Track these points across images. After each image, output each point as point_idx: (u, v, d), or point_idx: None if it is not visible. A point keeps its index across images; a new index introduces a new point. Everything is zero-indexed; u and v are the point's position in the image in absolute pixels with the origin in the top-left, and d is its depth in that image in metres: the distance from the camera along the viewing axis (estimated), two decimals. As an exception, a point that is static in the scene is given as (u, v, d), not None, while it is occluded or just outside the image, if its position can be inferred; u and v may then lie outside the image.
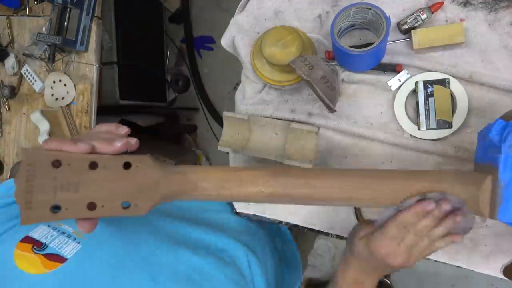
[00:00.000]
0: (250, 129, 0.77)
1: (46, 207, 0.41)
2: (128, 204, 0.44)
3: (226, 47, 0.85)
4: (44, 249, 0.49)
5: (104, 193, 0.43)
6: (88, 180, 0.42)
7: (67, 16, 1.15)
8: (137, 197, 0.44)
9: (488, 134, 0.50)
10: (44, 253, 0.48)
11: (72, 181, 0.42)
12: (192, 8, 2.13)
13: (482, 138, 0.54)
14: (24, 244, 0.49)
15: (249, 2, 0.83)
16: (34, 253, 0.48)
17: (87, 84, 1.17)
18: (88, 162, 0.42)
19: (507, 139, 0.47)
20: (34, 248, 0.48)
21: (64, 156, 0.41)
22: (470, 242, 0.71)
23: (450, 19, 0.72)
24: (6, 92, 1.22)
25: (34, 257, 0.47)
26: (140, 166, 0.44)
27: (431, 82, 0.71)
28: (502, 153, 0.46)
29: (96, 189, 0.43)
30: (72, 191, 0.42)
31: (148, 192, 0.44)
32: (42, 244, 0.49)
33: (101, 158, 0.43)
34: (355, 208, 0.77)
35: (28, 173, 0.41)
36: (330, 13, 0.78)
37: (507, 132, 0.48)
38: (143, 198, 0.44)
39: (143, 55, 1.88)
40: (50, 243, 0.49)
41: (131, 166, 0.44)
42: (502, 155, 0.46)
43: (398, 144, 0.74)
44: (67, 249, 0.49)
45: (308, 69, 0.69)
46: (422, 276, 1.78)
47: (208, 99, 2.11)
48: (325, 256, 1.90)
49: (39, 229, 0.51)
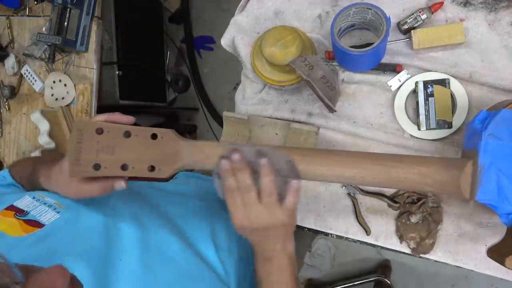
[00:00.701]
0: (250, 129, 0.77)
1: (90, 165, 0.51)
2: (154, 168, 0.52)
3: (226, 47, 0.85)
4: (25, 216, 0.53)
5: (135, 157, 0.51)
6: (122, 145, 0.51)
7: (67, 16, 1.14)
8: (161, 163, 0.52)
9: (472, 123, 0.56)
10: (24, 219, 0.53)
11: (110, 145, 0.51)
12: (192, 8, 2.13)
13: (468, 127, 0.58)
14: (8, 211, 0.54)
15: (249, 2, 0.83)
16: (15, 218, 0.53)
17: (87, 84, 1.17)
18: (123, 130, 0.51)
19: (487, 128, 0.52)
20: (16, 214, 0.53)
21: (105, 125, 0.51)
22: (470, 242, 0.71)
23: (450, 19, 0.72)
24: (6, 92, 1.22)
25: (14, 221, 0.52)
26: (164, 138, 0.52)
27: (431, 82, 0.71)
28: (482, 140, 0.52)
29: (128, 153, 0.51)
30: (110, 153, 0.51)
31: (170, 159, 0.53)
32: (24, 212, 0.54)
33: (134, 129, 0.51)
34: (355, 208, 0.77)
35: (78, 137, 0.50)
36: (330, 13, 0.78)
37: (487, 121, 0.53)
38: (166, 164, 0.52)
39: (143, 55, 1.88)
40: (32, 211, 0.54)
41: (157, 137, 0.52)
42: (482, 141, 0.51)
43: (398, 144, 0.74)
44: (46, 217, 0.53)
45: (308, 69, 0.69)
46: (422, 276, 1.78)
47: (208, 99, 2.11)
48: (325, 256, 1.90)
49: (23, 200, 0.56)
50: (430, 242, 0.72)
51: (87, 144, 0.51)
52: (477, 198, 0.51)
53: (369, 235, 0.77)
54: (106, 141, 0.51)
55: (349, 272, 1.88)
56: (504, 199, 0.50)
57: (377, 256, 1.83)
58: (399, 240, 0.75)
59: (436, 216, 0.72)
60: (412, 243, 0.74)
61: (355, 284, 1.78)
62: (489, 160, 0.51)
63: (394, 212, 0.76)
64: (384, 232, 0.76)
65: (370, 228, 0.77)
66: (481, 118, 0.55)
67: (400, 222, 0.74)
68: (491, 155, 0.51)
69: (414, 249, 0.74)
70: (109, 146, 0.51)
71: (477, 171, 0.51)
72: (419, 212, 0.73)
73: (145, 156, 0.52)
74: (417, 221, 0.73)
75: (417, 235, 0.73)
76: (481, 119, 0.55)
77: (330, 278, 1.90)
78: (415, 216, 0.73)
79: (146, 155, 0.52)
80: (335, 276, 1.90)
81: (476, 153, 0.52)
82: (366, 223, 0.77)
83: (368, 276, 1.77)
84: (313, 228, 0.81)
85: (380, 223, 0.76)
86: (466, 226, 0.72)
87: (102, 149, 0.51)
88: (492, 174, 0.50)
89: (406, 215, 0.74)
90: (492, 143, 0.51)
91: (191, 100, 2.17)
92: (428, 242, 0.72)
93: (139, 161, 0.51)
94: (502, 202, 0.51)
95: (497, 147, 0.51)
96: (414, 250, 0.74)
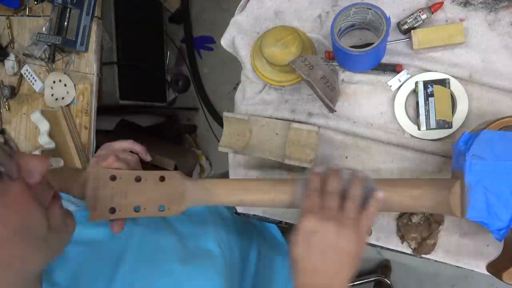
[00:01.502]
0: (250, 129, 0.77)
1: (106, 209, 0.55)
2: (163, 208, 0.57)
3: (226, 47, 0.85)
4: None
5: (145, 199, 0.56)
6: (134, 190, 0.56)
7: (67, 16, 1.14)
8: (170, 203, 0.57)
9: (457, 145, 0.58)
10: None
11: (123, 190, 0.56)
12: (192, 8, 2.13)
13: (454, 148, 0.60)
14: None
15: (249, 2, 0.82)
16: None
17: (87, 84, 1.17)
18: (134, 176, 0.56)
19: (470, 149, 0.54)
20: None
21: (118, 172, 0.56)
22: (471, 243, 0.71)
23: (450, 19, 0.72)
24: (6, 92, 1.22)
25: None
26: (171, 180, 0.57)
27: (431, 82, 0.71)
28: (466, 160, 0.54)
29: (139, 196, 0.56)
30: (123, 198, 0.56)
31: (177, 199, 0.57)
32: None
33: (143, 173, 0.56)
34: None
35: (94, 184, 0.55)
36: (330, 13, 0.78)
37: (470, 142, 0.56)
38: (174, 203, 0.57)
39: (143, 55, 1.88)
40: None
41: (165, 179, 0.57)
42: (467, 162, 0.53)
43: (398, 144, 0.74)
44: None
45: (308, 69, 0.69)
46: (422, 276, 1.78)
47: (208, 99, 2.11)
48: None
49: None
50: (431, 243, 0.72)
51: (103, 191, 0.55)
52: (467, 216, 0.53)
53: (370, 236, 0.77)
54: (119, 187, 0.56)
55: (349, 272, 1.87)
56: (494, 216, 0.52)
57: (377, 256, 1.83)
58: (400, 241, 0.75)
59: (437, 216, 0.72)
60: (413, 243, 0.74)
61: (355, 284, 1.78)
62: (475, 179, 0.53)
63: (395, 212, 0.76)
64: (385, 232, 0.76)
65: (371, 228, 0.76)
66: (464, 140, 0.57)
67: (401, 222, 0.74)
68: (476, 175, 0.53)
69: (415, 249, 0.74)
70: (122, 191, 0.56)
71: (465, 191, 0.53)
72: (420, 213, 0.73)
73: (155, 197, 0.56)
74: (418, 221, 0.73)
75: (418, 235, 0.73)
76: (464, 141, 0.57)
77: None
78: (416, 216, 0.72)
79: (155, 196, 0.56)
80: (335, 276, 1.89)
81: (462, 174, 0.54)
82: (366, 223, 0.77)
83: (368, 276, 1.77)
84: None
85: (381, 223, 0.76)
86: (467, 226, 0.72)
87: (116, 194, 0.56)
88: (479, 192, 0.53)
89: (407, 215, 0.74)
90: (476, 163, 0.53)
91: (191, 100, 2.17)
92: (429, 242, 0.72)
93: (149, 202, 0.56)
94: (492, 219, 0.53)
95: (481, 166, 0.53)
96: (416, 250, 0.74)
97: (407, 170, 0.74)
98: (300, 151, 0.73)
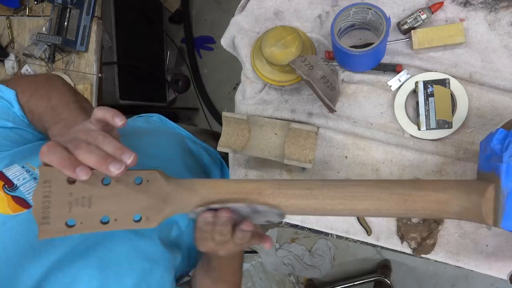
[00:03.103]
0: (249, 129, 0.77)
1: (62, 222, 0.43)
2: (139, 217, 0.45)
3: (226, 47, 0.85)
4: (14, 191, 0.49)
5: (117, 207, 0.44)
6: (101, 195, 0.43)
7: (67, 16, 1.15)
8: (148, 211, 0.45)
9: (490, 143, 0.51)
10: (13, 195, 0.49)
11: (86, 196, 0.43)
12: (192, 8, 2.13)
13: (484, 147, 0.54)
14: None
15: (249, 2, 0.82)
16: (4, 192, 0.48)
17: (87, 84, 1.17)
18: (101, 177, 0.44)
19: (508, 148, 0.48)
20: (5, 187, 0.49)
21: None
22: (471, 243, 0.71)
23: (450, 19, 0.72)
24: (6, 92, 1.22)
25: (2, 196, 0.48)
26: (150, 181, 0.45)
27: (431, 82, 0.71)
28: (503, 162, 0.47)
29: (109, 203, 0.44)
30: (86, 206, 0.43)
31: (158, 205, 0.45)
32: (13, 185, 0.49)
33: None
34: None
35: (44, 189, 0.42)
36: (330, 13, 0.78)
37: (508, 141, 0.49)
38: (154, 211, 0.45)
39: (143, 55, 1.88)
40: (21, 186, 0.49)
41: (142, 181, 0.45)
42: (504, 164, 0.47)
43: (398, 144, 0.74)
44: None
45: (308, 69, 0.69)
46: (422, 276, 1.78)
47: (208, 99, 2.11)
48: (325, 256, 1.90)
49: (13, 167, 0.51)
50: (431, 242, 0.72)
51: (57, 198, 0.42)
52: (501, 226, 0.47)
53: (370, 235, 0.77)
54: (81, 192, 0.43)
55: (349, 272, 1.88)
56: None
57: (377, 256, 1.83)
58: (400, 241, 0.75)
59: (436, 216, 0.72)
60: (413, 243, 0.74)
61: (355, 284, 1.78)
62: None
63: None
64: (385, 232, 0.76)
65: (371, 228, 0.77)
66: (499, 138, 0.50)
67: (401, 222, 0.74)
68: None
69: (415, 249, 0.74)
70: (85, 197, 0.43)
71: (500, 197, 0.47)
72: (419, 212, 0.72)
73: (129, 205, 0.44)
74: (418, 221, 0.73)
75: (418, 235, 0.73)
76: (499, 139, 0.50)
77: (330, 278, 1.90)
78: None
79: (130, 203, 0.44)
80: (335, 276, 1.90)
81: (497, 177, 0.47)
82: (367, 224, 0.77)
83: (368, 276, 1.78)
84: (314, 228, 0.81)
85: (381, 223, 0.76)
86: (467, 226, 0.72)
87: (77, 202, 0.43)
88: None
89: (406, 215, 0.74)
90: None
91: (191, 100, 2.17)
92: (429, 242, 0.72)
93: (122, 212, 0.44)
94: None
95: None
96: (415, 250, 0.74)
97: (407, 170, 0.74)
98: (300, 151, 0.73)
